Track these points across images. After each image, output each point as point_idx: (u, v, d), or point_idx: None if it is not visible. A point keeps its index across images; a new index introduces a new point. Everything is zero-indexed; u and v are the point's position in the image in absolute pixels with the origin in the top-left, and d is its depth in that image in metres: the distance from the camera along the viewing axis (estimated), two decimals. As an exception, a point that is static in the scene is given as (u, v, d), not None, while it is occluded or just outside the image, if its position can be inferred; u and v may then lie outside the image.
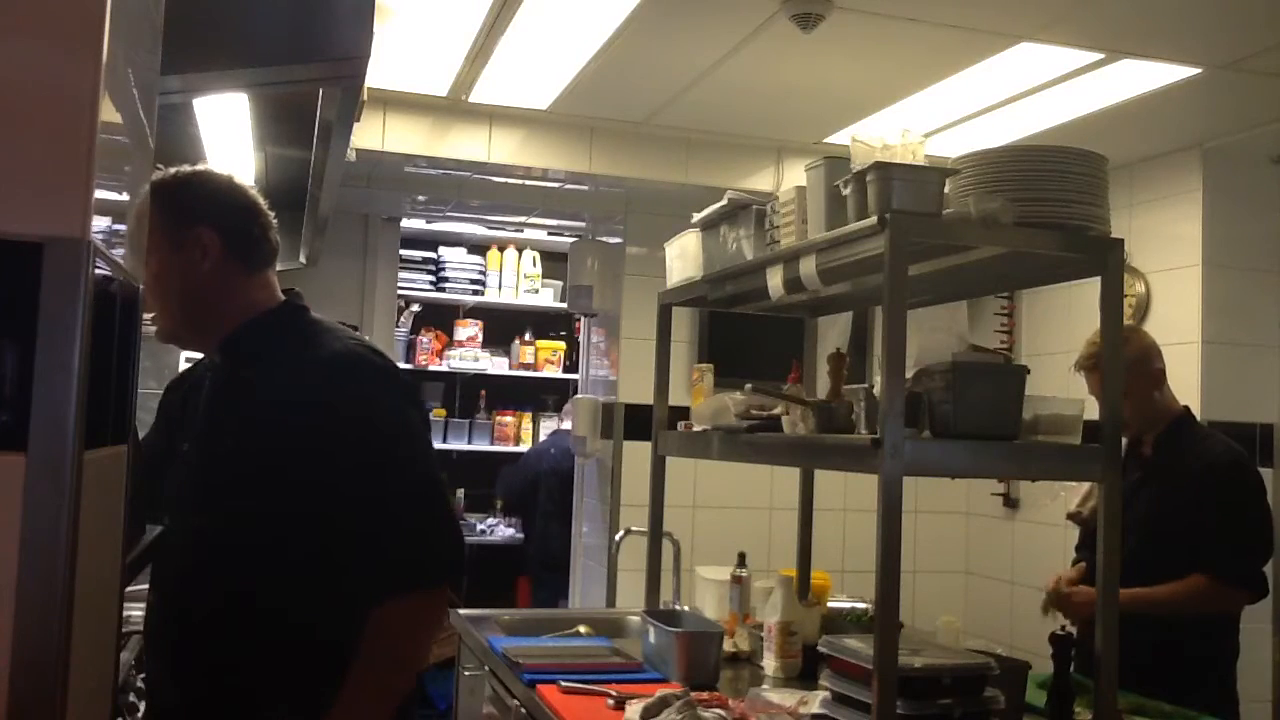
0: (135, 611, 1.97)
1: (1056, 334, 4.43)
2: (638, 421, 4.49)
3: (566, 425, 5.46)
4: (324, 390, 1.81)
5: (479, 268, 6.19)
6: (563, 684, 2.49)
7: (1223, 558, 2.85)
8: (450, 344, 6.21)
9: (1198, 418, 3.29)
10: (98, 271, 0.92)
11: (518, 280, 6.20)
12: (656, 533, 3.18)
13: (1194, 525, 2.89)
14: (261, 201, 1.96)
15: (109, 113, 0.94)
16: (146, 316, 1.85)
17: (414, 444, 1.87)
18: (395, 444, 1.83)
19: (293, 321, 1.93)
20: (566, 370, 6.31)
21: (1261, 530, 2.95)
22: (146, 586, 1.93)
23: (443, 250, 6.20)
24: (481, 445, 6.23)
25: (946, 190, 2.12)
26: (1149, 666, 2.69)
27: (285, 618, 1.78)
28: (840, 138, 3.99)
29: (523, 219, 5.35)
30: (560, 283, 5.94)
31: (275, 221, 1.98)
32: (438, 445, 6.06)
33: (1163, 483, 2.98)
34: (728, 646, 2.91)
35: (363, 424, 1.80)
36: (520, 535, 6.02)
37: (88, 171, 0.89)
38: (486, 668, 2.94)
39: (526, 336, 6.38)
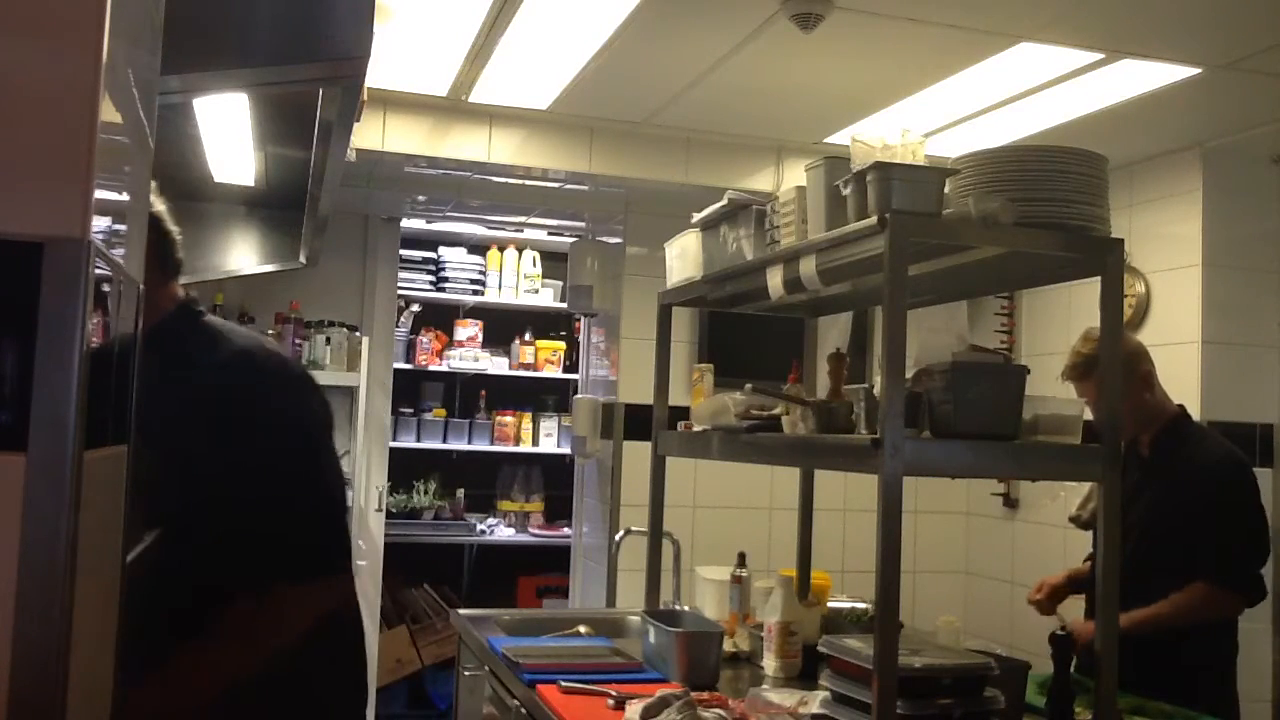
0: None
1: (1056, 334, 4.43)
2: (638, 421, 4.49)
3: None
4: (221, 390, 1.88)
5: (479, 268, 6.19)
6: (563, 684, 2.49)
7: (1220, 563, 2.85)
8: (450, 344, 6.20)
9: (1197, 418, 3.28)
10: (98, 271, 0.92)
11: (518, 280, 6.19)
12: (656, 533, 3.18)
13: (1192, 528, 2.89)
14: (168, 217, 1.99)
15: (109, 113, 0.94)
16: None
17: (301, 437, 1.95)
18: (284, 438, 1.91)
19: (189, 326, 1.99)
20: (566, 370, 6.30)
21: (1257, 534, 2.95)
22: None
23: (443, 250, 6.19)
24: (481, 445, 6.22)
25: (946, 190, 2.12)
26: (1149, 667, 2.69)
27: (207, 610, 1.84)
28: (840, 138, 3.99)
29: (523, 219, 5.35)
30: (560, 283, 5.93)
31: (180, 239, 2.03)
32: (438, 445, 6.10)
33: (1161, 484, 2.98)
34: (728, 646, 2.91)
35: (255, 419, 1.88)
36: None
37: (88, 171, 0.89)
38: (486, 668, 2.94)
39: (526, 336, 6.37)
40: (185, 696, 1.81)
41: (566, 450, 5.63)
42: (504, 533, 6.25)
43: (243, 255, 3.58)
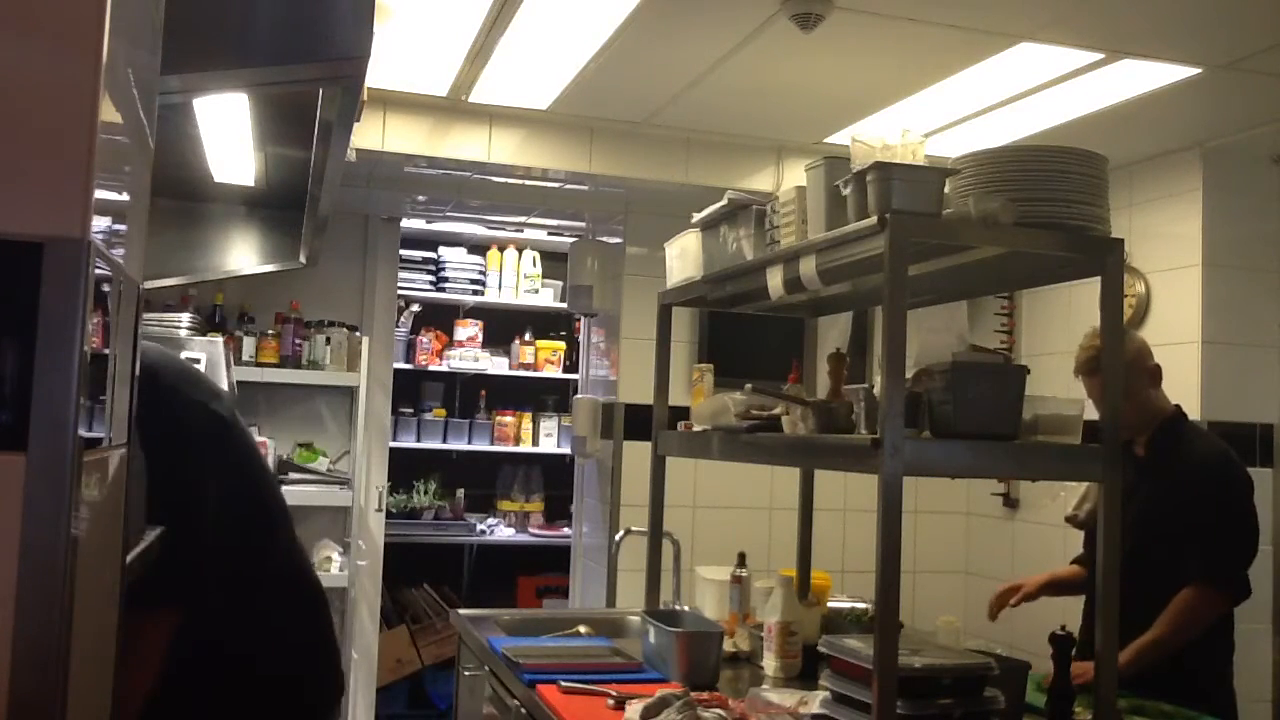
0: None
1: (1056, 334, 4.43)
2: (638, 421, 4.49)
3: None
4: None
5: (479, 268, 6.19)
6: (563, 684, 2.49)
7: (1208, 563, 2.85)
8: (450, 344, 6.21)
9: (1198, 417, 3.28)
10: (98, 271, 0.92)
11: (518, 280, 6.19)
12: (656, 533, 3.18)
13: (1186, 526, 2.89)
14: None
15: (109, 113, 0.94)
16: None
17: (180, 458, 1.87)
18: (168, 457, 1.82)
19: None
20: (566, 370, 6.30)
21: (1245, 535, 2.95)
22: None
23: (443, 250, 6.19)
24: (481, 445, 6.23)
25: (946, 190, 2.12)
26: (1147, 666, 2.69)
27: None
28: (840, 138, 3.99)
29: (523, 219, 5.35)
30: (560, 283, 5.93)
31: None
32: (438, 445, 6.10)
33: (1157, 483, 2.98)
34: (728, 646, 2.91)
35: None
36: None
37: (88, 171, 0.89)
38: (486, 668, 2.94)
39: (526, 336, 6.37)
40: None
41: (566, 450, 5.63)
42: (504, 533, 6.25)
43: (243, 255, 3.58)
